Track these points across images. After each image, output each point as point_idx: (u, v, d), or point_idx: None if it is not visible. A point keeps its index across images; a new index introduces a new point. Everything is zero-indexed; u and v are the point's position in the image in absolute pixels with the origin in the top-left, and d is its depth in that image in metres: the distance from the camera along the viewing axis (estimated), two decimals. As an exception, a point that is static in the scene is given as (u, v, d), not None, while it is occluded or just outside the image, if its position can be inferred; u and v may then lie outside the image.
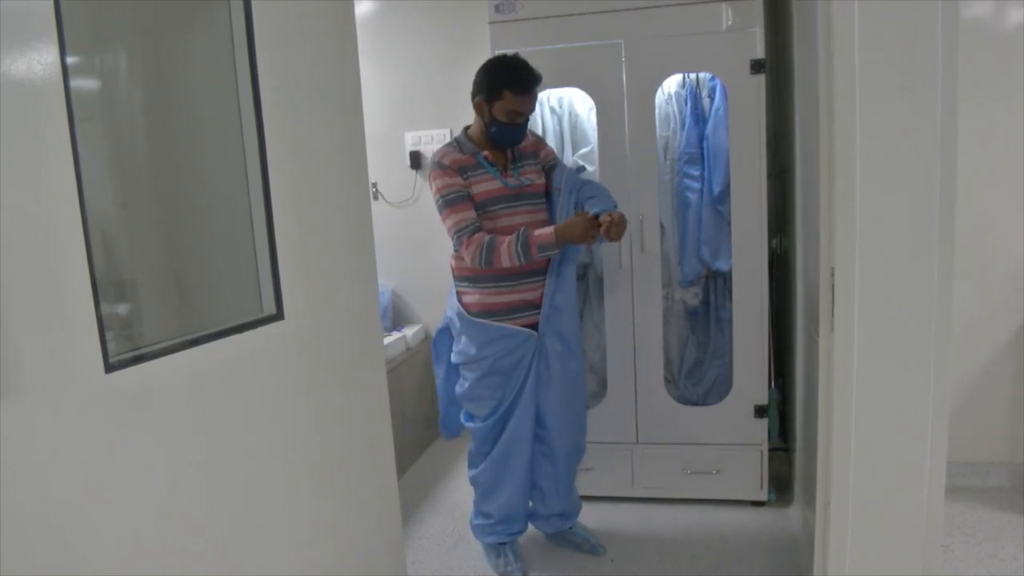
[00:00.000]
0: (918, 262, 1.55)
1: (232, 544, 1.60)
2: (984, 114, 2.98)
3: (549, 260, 2.71)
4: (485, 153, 2.66)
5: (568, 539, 3.02)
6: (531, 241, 2.56)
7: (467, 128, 2.74)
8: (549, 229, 2.59)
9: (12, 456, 1.13)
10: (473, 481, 2.91)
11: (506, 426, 2.77)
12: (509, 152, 2.72)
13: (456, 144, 2.68)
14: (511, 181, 2.67)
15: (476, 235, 2.58)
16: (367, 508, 2.11)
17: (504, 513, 2.86)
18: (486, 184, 2.64)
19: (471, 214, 2.61)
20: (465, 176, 2.62)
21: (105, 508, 1.30)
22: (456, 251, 2.69)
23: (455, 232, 2.61)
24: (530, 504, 2.96)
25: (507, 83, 2.59)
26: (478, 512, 2.93)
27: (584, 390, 2.94)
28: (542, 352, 2.73)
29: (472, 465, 2.90)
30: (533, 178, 2.74)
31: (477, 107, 2.64)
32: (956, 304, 1.57)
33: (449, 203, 2.60)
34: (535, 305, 2.72)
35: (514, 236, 2.57)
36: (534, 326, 2.72)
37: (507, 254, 2.56)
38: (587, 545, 2.99)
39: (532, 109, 2.69)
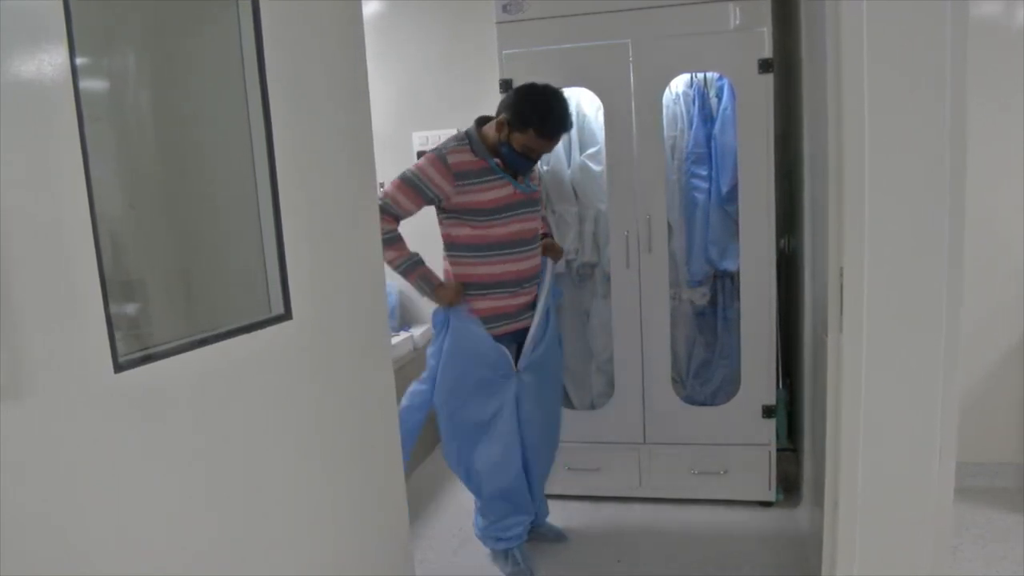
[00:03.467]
0: (927, 262, 1.54)
1: (239, 544, 1.60)
2: (991, 114, 2.96)
3: (543, 266, 2.83)
4: (497, 161, 2.64)
5: (536, 532, 3.07)
6: (419, 272, 2.63)
7: (480, 123, 2.71)
8: (438, 278, 2.67)
9: (20, 455, 1.13)
10: (484, 511, 2.92)
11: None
12: None
13: (468, 142, 2.65)
14: (522, 187, 2.69)
15: (388, 216, 2.56)
16: (374, 508, 2.11)
17: (516, 532, 2.89)
18: (499, 191, 2.63)
19: (411, 208, 2.61)
20: (462, 183, 2.58)
21: (113, 508, 1.31)
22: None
23: (384, 203, 2.56)
24: None
25: (537, 124, 2.57)
26: (485, 522, 2.94)
27: (560, 405, 3.04)
28: (520, 388, 2.77)
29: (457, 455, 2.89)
30: (535, 185, 2.78)
31: (499, 124, 2.62)
32: (966, 304, 1.57)
33: (410, 184, 2.59)
34: (533, 306, 2.80)
35: (409, 256, 2.62)
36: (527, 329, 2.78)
37: (391, 257, 2.58)
38: (552, 533, 3.07)
39: (548, 152, 2.72)
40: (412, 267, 2.64)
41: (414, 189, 2.59)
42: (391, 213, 2.59)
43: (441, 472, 3.82)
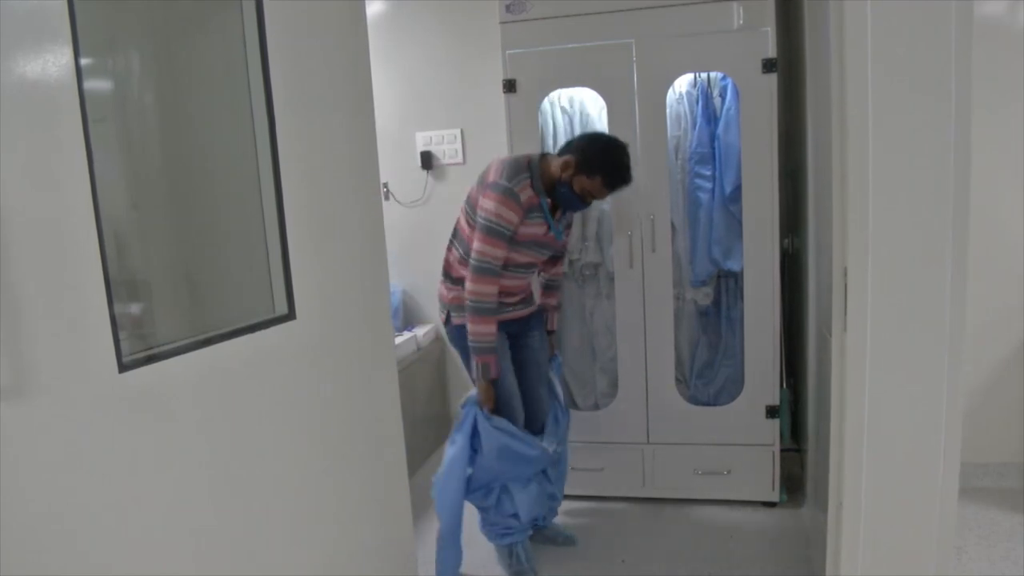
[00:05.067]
0: (931, 262, 1.54)
1: (243, 542, 1.61)
2: (995, 114, 2.96)
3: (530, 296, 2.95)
4: (549, 200, 2.69)
5: (543, 535, 3.07)
6: (492, 360, 2.66)
7: (543, 157, 2.71)
8: (492, 375, 2.68)
9: (24, 454, 1.14)
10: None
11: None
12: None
13: (529, 177, 2.63)
14: (556, 230, 2.75)
15: (493, 278, 2.61)
16: (378, 507, 2.11)
17: (531, 516, 2.89)
18: (537, 228, 2.68)
19: (502, 255, 2.62)
20: (524, 218, 2.63)
21: (117, 507, 1.31)
22: (462, 276, 2.69)
23: (479, 261, 2.59)
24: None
25: (607, 174, 2.63)
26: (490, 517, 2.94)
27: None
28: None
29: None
30: (565, 235, 2.87)
31: (565, 163, 2.64)
32: (969, 304, 1.56)
33: (494, 233, 2.58)
34: (524, 302, 2.93)
35: (496, 338, 2.66)
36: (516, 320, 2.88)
37: (489, 331, 2.63)
38: (560, 537, 3.05)
39: (601, 199, 2.77)
40: (492, 351, 2.67)
41: (502, 239, 2.60)
42: (492, 270, 2.61)
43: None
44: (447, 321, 2.83)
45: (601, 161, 2.63)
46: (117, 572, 1.31)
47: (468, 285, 2.61)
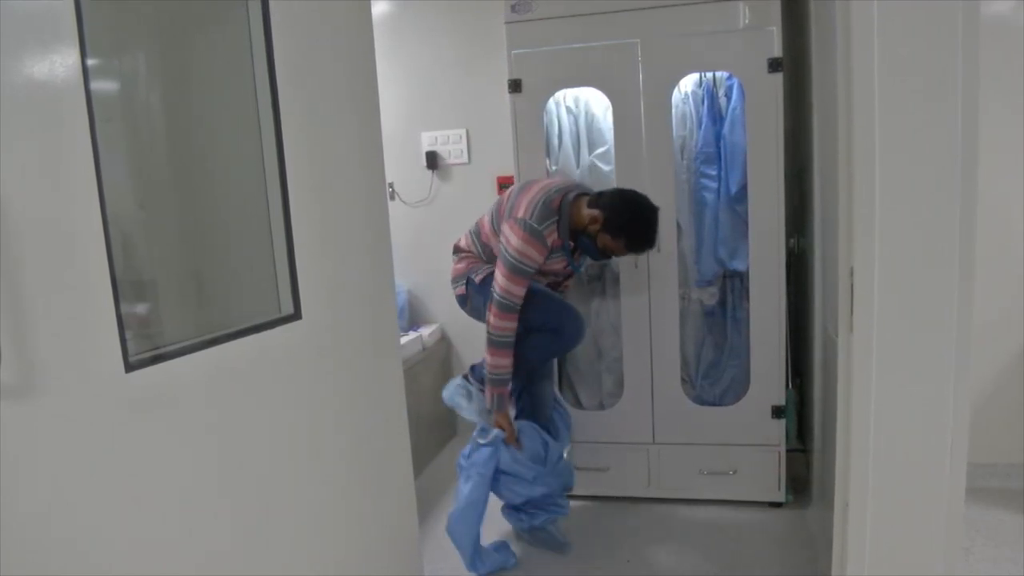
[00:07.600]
0: (938, 262, 1.53)
1: (249, 542, 1.61)
2: (997, 114, 2.94)
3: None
4: (571, 243, 2.75)
5: (536, 536, 3.07)
6: (500, 391, 2.80)
7: (576, 199, 2.73)
8: (506, 408, 2.84)
9: (30, 454, 1.14)
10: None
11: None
12: None
13: (557, 220, 2.68)
14: (575, 265, 2.85)
15: (514, 315, 2.68)
16: (384, 507, 2.12)
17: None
18: (557, 264, 2.79)
19: (523, 292, 2.69)
20: (547, 257, 2.71)
21: (121, 507, 1.31)
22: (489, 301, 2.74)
23: (503, 298, 2.66)
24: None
25: (631, 239, 2.69)
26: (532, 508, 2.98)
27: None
28: None
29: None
30: (581, 267, 2.99)
31: (593, 218, 2.67)
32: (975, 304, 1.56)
33: (518, 271, 2.65)
34: None
35: (506, 375, 2.78)
36: None
37: (506, 364, 2.75)
38: (555, 539, 3.04)
39: (621, 256, 2.84)
40: (506, 383, 2.80)
41: (526, 276, 2.68)
42: (510, 306, 2.69)
43: (451, 471, 3.82)
44: (466, 289, 2.88)
45: (628, 225, 2.68)
46: (120, 573, 1.31)
47: (491, 319, 2.69)
